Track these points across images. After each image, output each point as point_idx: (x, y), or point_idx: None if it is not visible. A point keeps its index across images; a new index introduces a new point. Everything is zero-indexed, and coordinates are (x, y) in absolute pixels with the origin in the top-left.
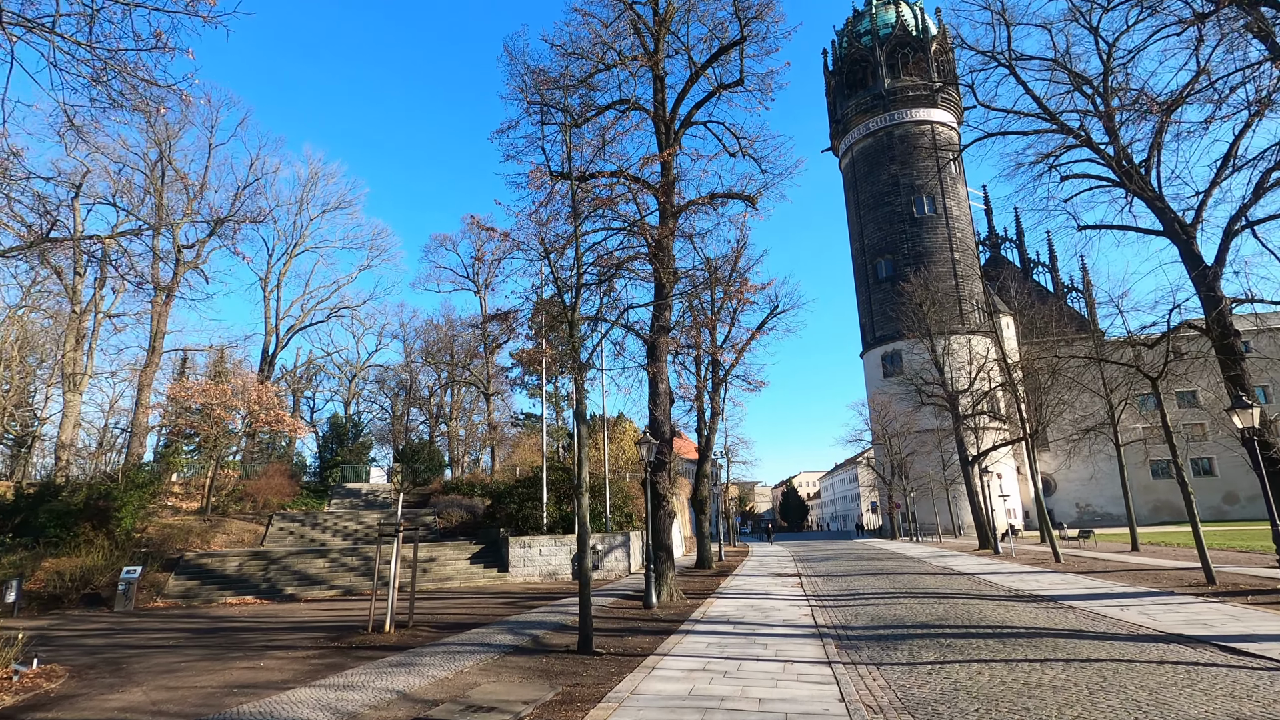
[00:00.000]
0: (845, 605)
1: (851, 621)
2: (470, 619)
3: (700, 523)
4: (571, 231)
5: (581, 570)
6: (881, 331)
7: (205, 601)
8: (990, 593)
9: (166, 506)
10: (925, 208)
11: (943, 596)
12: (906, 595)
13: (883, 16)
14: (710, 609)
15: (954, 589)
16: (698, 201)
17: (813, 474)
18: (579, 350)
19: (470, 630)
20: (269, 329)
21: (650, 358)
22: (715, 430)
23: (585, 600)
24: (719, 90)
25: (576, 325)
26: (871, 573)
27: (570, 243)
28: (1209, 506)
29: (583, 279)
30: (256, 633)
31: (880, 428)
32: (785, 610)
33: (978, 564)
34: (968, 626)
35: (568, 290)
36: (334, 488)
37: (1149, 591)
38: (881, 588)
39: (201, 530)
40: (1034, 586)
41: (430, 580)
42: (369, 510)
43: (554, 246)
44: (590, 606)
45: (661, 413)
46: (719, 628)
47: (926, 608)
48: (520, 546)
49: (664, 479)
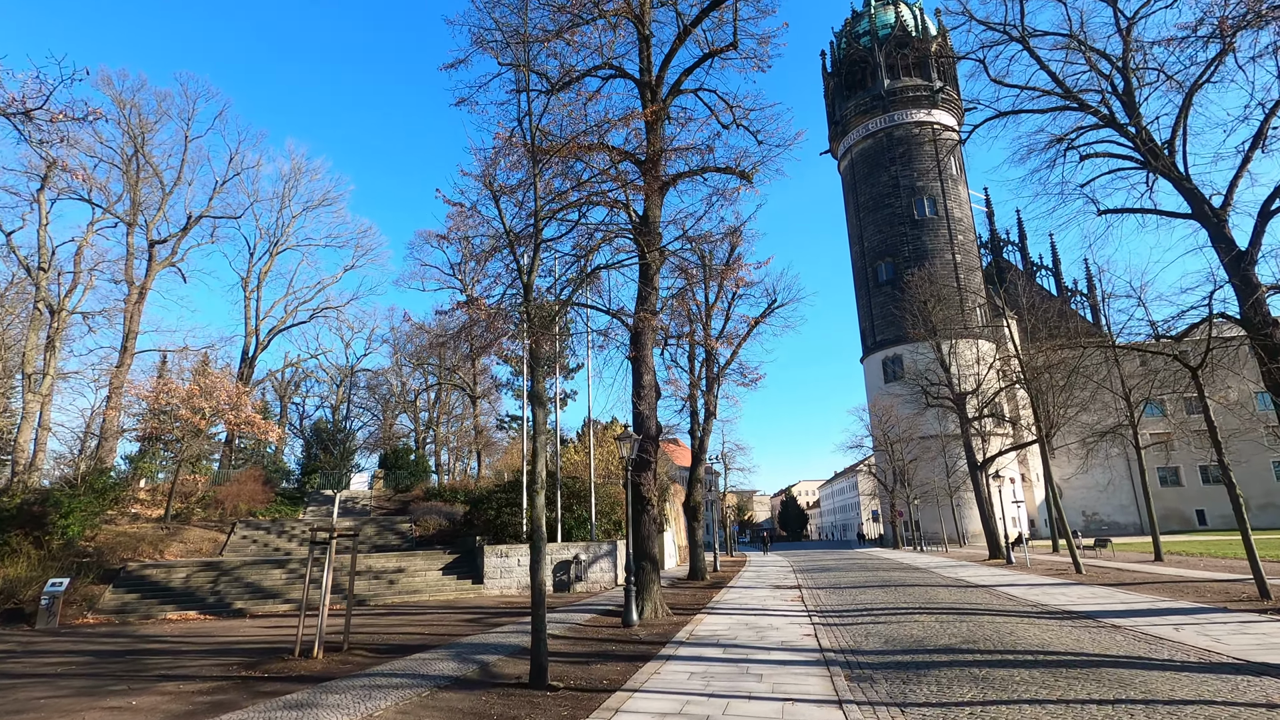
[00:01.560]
0: (852, 623)
1: (861, 644)
2: (420, 640)
3: (693, 531)
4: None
5: (535, 585)
6: (882, 336)
7: (142, 617)
8: (1015, 608)
9: (128, 513)
10: (926, 209)
11: (963, 613)
12: (921, 611)
13: (882, 17)
14: (699, 627)
15: (973, 604)
16: (687, 174)
17: (812, 483)
18: (535, 319)
19: (412, 655)
20: (249, 330)
21: (634, 345)
22: (710, 432)
23: (539, 621)
24: (710, 56)
25: (531, 286)
26: (878, 584)
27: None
28: (1220, 515)
29: (543, 230)
30: (167, 657)
31: (881, 433)
32: (784, 629)
33: (991, 575)
34: (1002, 652)
35: (523, 243)
36: (311, 494)
37: (1198, 608)
38: (891, 602)
39: (156, 538)
40: (1062, 601)
41: (397, 593)
42: (343, 518)
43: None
44: (545, 630)
45: (646, 406)
46: (706, 651)
47: (947, 627)
48: (497, 556)
49: (648, 480)
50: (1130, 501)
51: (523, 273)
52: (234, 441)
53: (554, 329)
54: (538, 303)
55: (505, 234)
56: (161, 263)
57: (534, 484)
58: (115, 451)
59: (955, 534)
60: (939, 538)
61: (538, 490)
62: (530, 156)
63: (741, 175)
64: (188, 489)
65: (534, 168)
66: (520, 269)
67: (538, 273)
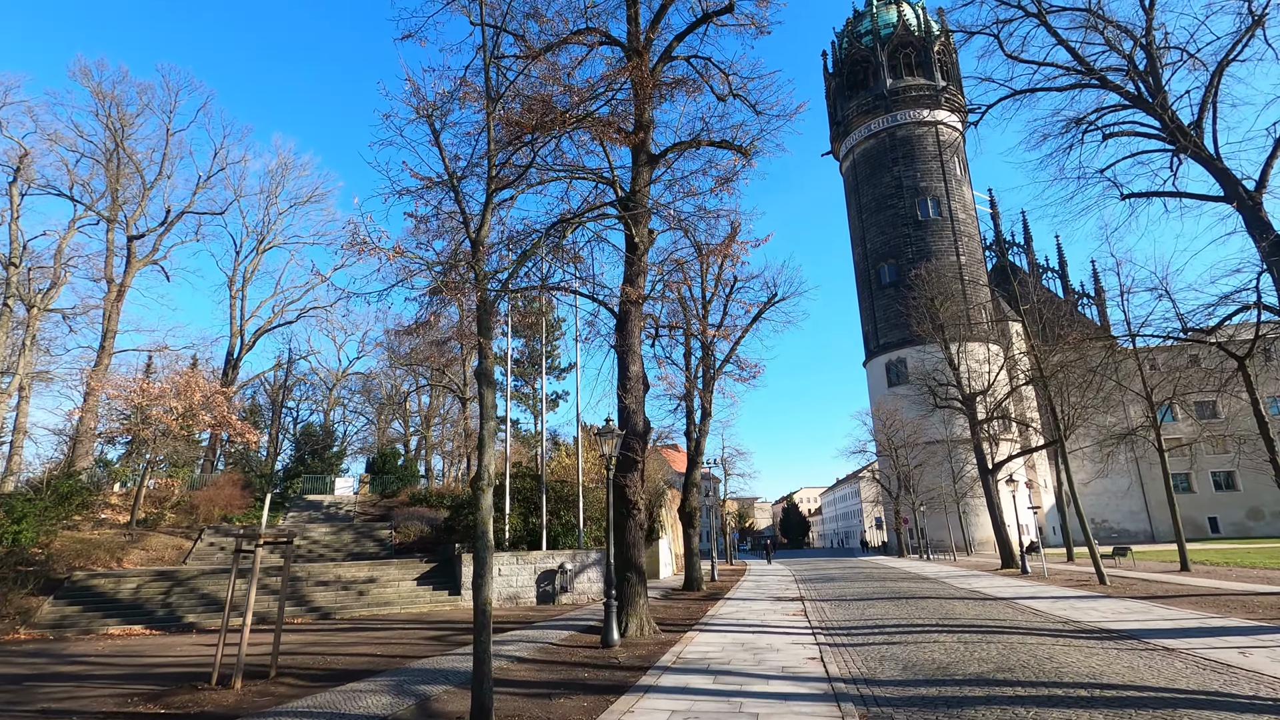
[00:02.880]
0: (864, 643)
1: (876, 670)
2: (366, 663)
3: (689, 538)
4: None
5: (478, 606)
6: (885, 339)
7: (81, 632)
8: (1045, 625)
9: (96, 519)
10: (930, 210)
11: (987, 631)
12: (940, 629)
13: (884, 16)
14: (688, 648)
15: (996, 620)
16: (679, 146)
17: (814, 490)
18: (485, 281)
19: (346, 685)
20: (234, 330)
21: (619, 331)
22: (707, 433)
23: (482, 650)
24: (705, 20)
25: (481, 242)
26: (887, 596)
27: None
28: (1232, 523)
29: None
30: (68, 685)
31: (885, 438)
32: (785, 651)
33: (1008, 585)
34: (1048, 684)
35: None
36: (293, 499)
37: (1255, 626)
38: (905, 617)
39: (116, 545)
40: (1095, 617)
41: (366, 605)
42: (326, 524)
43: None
44: (489, 660)
45: (632, 400)
46: (693, 681)
47: (974, 649)
48: None
49: (634, 481)
50: (1141, 508)
51: (468, 224)
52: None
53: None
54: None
55: (446, 175)
56: (142, 260)
57: (480, 479)
58: (90, 454)
59: (962, 542)
60: (946, 546)
61: (484, 488)
62: (488, 96)
63: (739, 150)
64: (163, 493)
65: (491, 106)
66: (465, 216)
67: (490, 227)
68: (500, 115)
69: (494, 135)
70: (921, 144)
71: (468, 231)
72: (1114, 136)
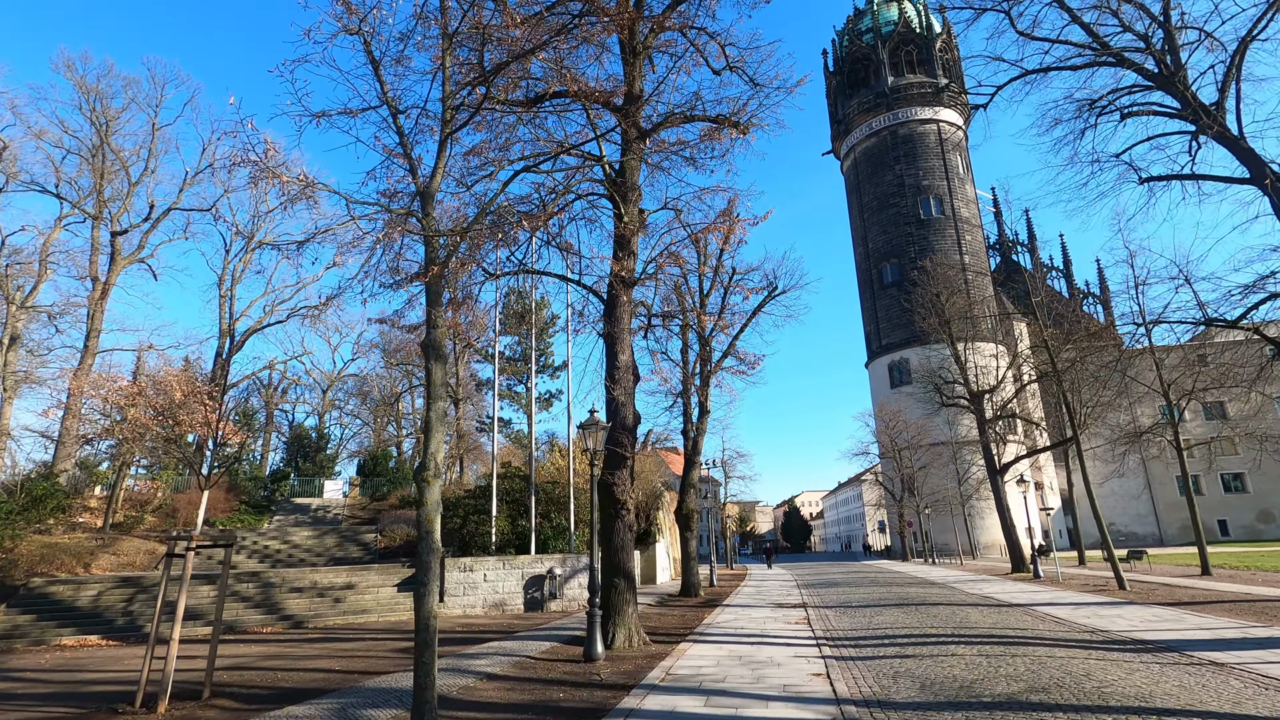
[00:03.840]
0: (873, 655)
1: (890, 690)
2: (319, 681)
3: (686, 542)
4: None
5: (421, 619)
6: (888, 339)
7: (32, 643)
8: (1072, 635)
9: (72, 523)
10: (932, 209)
11: (1009, 642)
12: (956, 640)
13: (885, 14)
14: (680, 662)
15: (1017, 629)
16: (671, 121)
17: (816, 493)
18: (433, 236)
19: (284, 708)
20: (223, 330)
21: (607, 317)
22: (704, 432)
23: (424, 676)
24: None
25: (431, 196)
26: (894, 603)
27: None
28: (1242, 525)
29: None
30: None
31: (889, 440)
32: (787, 665)
33: (1022, 591)
34: (1095, 709)
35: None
36: (280, 502)
37: None
38: (916, 626)
39: (84, 550)
40: (1123, 626)
41: (341, 613)
42: (310, 528)
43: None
44: (433, 687)
45: (621, 391)
46: (682, 703)
47: (998, 664)
48: (460, 571)
49: (622, 479)
50: (1149, 511)
51: (414, 168)
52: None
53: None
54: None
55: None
56: (128, 258)
57: (425, 470)
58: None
59: (968, 545)
60: (951, 550)
61: (428, 479)
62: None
63: (735, 125)
64: (145, 497)
65: (447, 44)
66: (406, 149)
67: (442, 178)
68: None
69: (450, 72)
70: (924, 142)
71: (414, 178)
72: (1133, 115)
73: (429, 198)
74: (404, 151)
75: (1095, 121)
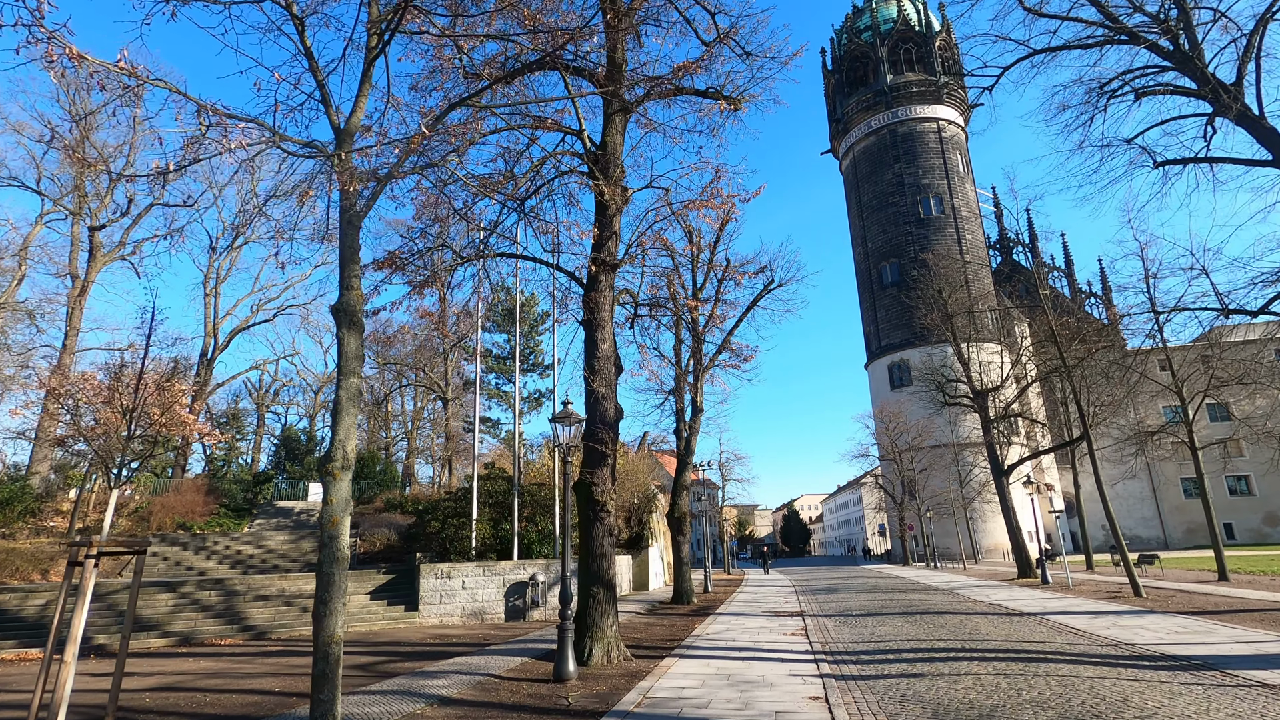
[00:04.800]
0: (877, 674)
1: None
2: (247, 707)
3: (678, 546)
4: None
5: (320, 643)
6: (888, 340)
7: None
8: (1095, 650)
9: (40, 526)
10: (932, 208)
11: (1028, 658)
12: (969, 655)
13: (884, 11)
14: (660, 681)
15: (1033, 641)
16: (659, 91)
17: (815, 497)
18: (349, 176)
19: None
20: (208, 329)
21: (587, 302)
22: (698, 430)
23: (323, 713)
24: None
25: (350, 136)
26: (897, 611)
27: None
28: (1247, 529)
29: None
30: None
31: (889, 441)
32: (780, 686)
33: (1032, 598)
34: None
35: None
36: (262, 506)
37: None
38: (923, 638)
39: (45, 556)
40: (1149, 638)
41: (309, 624)
42: (288, 532)
43: None
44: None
45: (602, 383)
46: None
47: (1019, 685)
48: (436, 578)
49: (602, 478)
50: (1153, 514)
51: (328, 101)
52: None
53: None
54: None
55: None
56: (108, 254)
57: (331, 461)
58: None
59: (970, 549)
60: (953, 553)
61: (335, 471)
62: None
63: (726, 99)
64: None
65: None
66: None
67: (364, 111)
68: None
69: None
70: (923, 140)
71: (327, 110)
72: (1148, 95)
73: (347, 137)
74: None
75: (1106, 105)
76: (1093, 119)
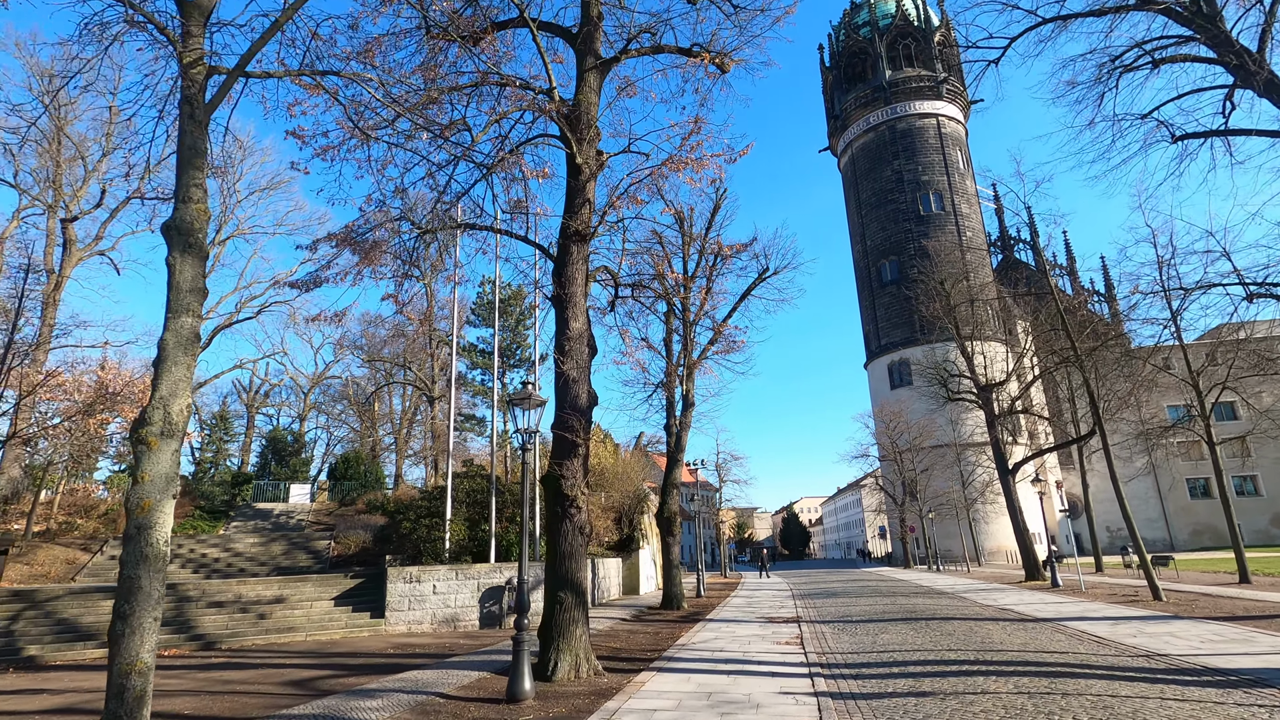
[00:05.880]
0: (880, 692)
1: None
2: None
3: (668, 548)
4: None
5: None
6: (887, 339)
7: None
8: (1125, 662)
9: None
10: (932, 204)
11: (1050, 671)
12: (983, 668)
13: (882, 7)
14: (630, 703)
15: (1053, 652)
16: (634, 51)
17: (814, 499)
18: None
19: None
20: None
21: (557, 276)
22: (689, 426)
23: None
24: None
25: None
26: (900, 617)
27: None
28: (1255, 530)
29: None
30: None
31: (889, 441)
32: (769, 708)
33: (1044, 602)
34: None
35: None
36: (240, 508)
37: None
38: (930, 647)
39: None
40: (1183, 648)
41: (264, 631)
42: (262, 534)
43: None
44: None
45: (573, 365)
46: None
47: (1049, 708)
48: (404, 582)
49: (572, 470)
50: (1158, 515)
51: None
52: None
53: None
54: None
55: None
56: (84, 249)
57: (146, 425)
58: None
59: (973, 551)
60: (955, 556)
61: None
62: None
63: (712, 58)
64: (91, 501)
65: None
66: None
67: None
68: None
69: None
70: (922, 136)
71: None
72: (1166, 63)
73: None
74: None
75: (1118, 81)
76: (1103, 96)
